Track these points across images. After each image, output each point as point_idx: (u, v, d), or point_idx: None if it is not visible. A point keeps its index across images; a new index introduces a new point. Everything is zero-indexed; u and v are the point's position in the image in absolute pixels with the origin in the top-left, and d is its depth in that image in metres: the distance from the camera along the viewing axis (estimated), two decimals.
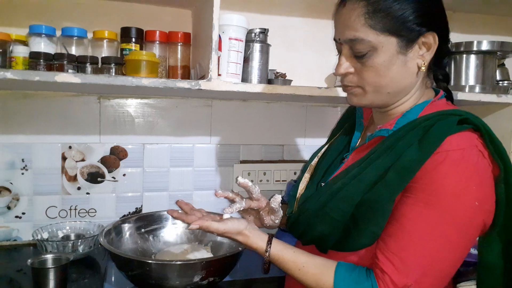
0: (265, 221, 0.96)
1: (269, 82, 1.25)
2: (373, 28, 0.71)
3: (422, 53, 0.74)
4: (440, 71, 0.83)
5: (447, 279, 0.72)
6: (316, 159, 0.94)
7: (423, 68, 0.74)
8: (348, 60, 0.76)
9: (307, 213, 0.81)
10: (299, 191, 0.91)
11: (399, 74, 0.74)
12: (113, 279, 1.12)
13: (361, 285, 0.70)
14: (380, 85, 0.74)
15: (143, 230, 1.23)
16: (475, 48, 1.28)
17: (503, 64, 1.47)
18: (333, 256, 0.78)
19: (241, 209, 0.92)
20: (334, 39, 0.79)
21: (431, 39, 0.73)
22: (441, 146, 0.68)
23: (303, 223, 0.82)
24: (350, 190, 0.74)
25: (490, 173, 0.71)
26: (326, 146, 0.96)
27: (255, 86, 1.14)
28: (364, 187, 0.73)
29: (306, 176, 0.93)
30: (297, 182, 0.95)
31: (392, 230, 0.71)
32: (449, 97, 0.84)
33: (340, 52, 0.78)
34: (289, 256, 0.79)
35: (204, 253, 1.13)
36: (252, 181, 0.93)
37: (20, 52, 1.12)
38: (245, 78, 1.20)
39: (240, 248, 1.01)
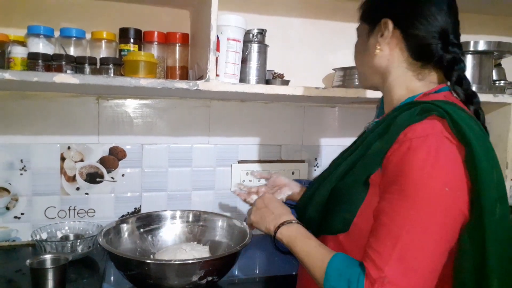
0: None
1: (267, 82, 1.25)
2: (360, 17, 0.86)
3: (378, 39, 0.81)
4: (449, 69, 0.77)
5: (433, 275, 0.67)
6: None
7: (377, 51, 0.80)
8: None
9: (303, 200, 0.90)
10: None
11: (362, 56, 0.85)
12: (112, 279, 1.12)
13: (351, 269, 0.69)
14: (356, 65, 0.88)
15: (142, 230, 1.23)
16: (471, 48, 1.28)
17: (499, 64, 1.48)
18: None
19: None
20: None
21: (384, 26, 0.79)
22: (406, 135, 0.69)
23: (300, 209, 0.90)
24: (330, 177, 0.82)
25: (460, 159, 0.67)
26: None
27: (253, 86, 1.14)
28: (338, 175, 0.81)
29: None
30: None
31: (374, 227, 0.71)
32: (468, 100, 0.76)
33: None
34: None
35: (202, 253, 1.13)
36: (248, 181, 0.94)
37: (18, 52, 1.12)
38: (243, 79, 1.20)
39: (238, 248, 1.02)
